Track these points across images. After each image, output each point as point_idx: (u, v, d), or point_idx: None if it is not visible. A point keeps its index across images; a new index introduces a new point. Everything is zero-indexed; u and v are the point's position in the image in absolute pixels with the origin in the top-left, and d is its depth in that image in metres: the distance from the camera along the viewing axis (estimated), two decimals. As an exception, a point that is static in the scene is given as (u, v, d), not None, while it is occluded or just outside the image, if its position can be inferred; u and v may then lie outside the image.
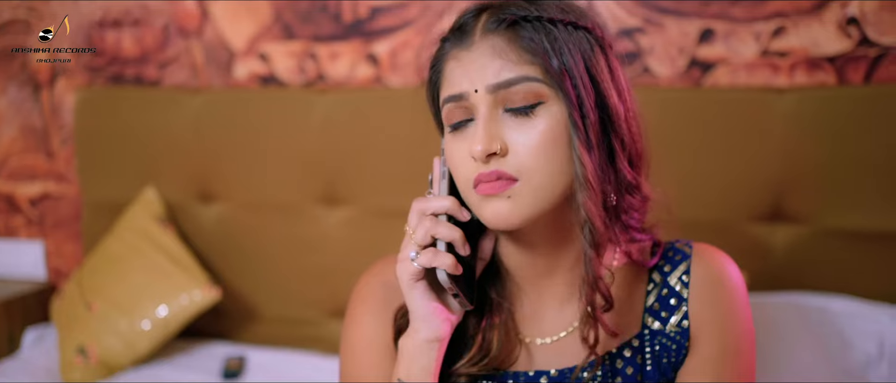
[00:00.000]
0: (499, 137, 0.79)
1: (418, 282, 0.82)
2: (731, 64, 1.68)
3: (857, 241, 1.56)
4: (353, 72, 1.94)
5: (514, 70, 0.78)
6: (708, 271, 0.88)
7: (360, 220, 1.90)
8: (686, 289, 0.88)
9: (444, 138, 0.86)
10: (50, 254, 2.30)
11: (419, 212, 0.84)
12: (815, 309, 1.50)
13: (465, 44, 0.82)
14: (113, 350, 1.81)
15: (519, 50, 0.79)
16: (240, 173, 1.97)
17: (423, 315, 0.83)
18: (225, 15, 2.00)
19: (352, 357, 0.93)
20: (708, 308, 0.87)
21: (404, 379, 0.84)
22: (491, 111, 0.79)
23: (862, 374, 1.42)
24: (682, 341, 0.87)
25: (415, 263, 0.81)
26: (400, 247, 0.86)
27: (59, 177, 2.24)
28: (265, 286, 1.99)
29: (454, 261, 0.80)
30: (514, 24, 0.80)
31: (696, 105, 1.65)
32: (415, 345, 0.84)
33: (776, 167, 1.59)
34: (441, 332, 0.84)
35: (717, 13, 1.67)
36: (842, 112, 1.55)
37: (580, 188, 0.79)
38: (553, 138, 0.78)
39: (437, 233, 0.81)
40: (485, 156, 0.78)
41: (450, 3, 1.83)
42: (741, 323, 0.87)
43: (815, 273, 1.59)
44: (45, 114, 2.21)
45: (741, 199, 1.62)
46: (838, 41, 1.61)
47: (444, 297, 0.85)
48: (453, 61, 0.83)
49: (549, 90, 0.78)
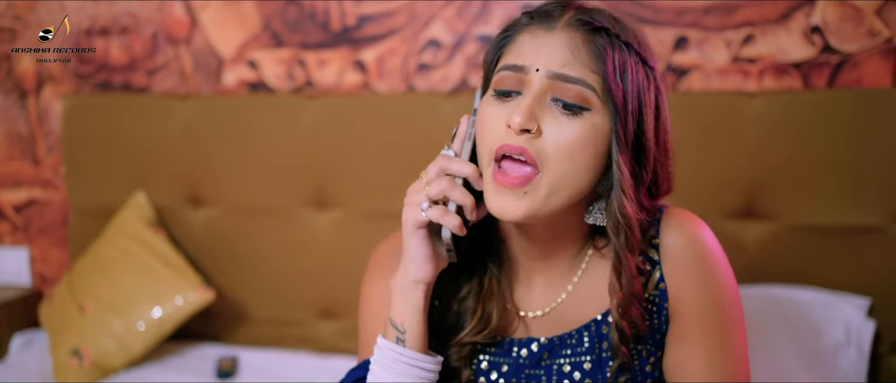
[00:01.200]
0: (537, 118, 0.83)
1: (420, 228, 0.88)
2: (705, 70, 1.77)
3: (823, 236, 1.65)
4: (341, 78, 1.99)
5: (578, 70, 0.83)
6: (681, 237, 0.91)
7: (349, 222, 1.95)
8: (657, 253, 0.92)
9: (481, 100, 0.90)
10: (35, 260, 2.31)
11: (439, 169, 0.88)
12: (787, 301, 1.59)
13: (546, 25, 0.86)
14: (108, 351, 1.83)
15: (590, 54, 0.83)
16: (230, 178, 2.01)
17: (417, 258, 0.89)
18: (214, 23, 2.05)
19: (367, 314, 1.01)
20: (686, 274, 0.91)
21: (394, 317, 0.91)
22: (541, 94, 0.84)
23: (832, 359, 1.51)
24: (662, 303, 0.92)
25: (424, 214, 0.87)
26: (407, 191, 0.91)
27: (45, 184, 2.25)
28: (255, 288, 2.03)
29: (461, 223, 0.86)
30: (597, 30, 0.85)
31: (671, 109, 1.72)
32: (404, 284, 0.90)
33: (748, 167, 1.68)
34: (428, 276, 0.90)
35: (691, 22, 1.76)
36: (807, 114, 1.65)
37: (620, 193, 0.85)
38: (584, 144, 0.83)
39: (452, 195, 0.86)
40: (520, 130, 0.82)
41: (436, 12, 1.90)
42: (724, 283, 0.91)
43: (785, 266, 1.68)
44: (32, 121, 2.23)
45: (715, 198, 1.71)
46: (803, 48, 1.72)
47: (437, 246, 0.91)
48: (527, 35, 0.87)
49: (598, 101, 0.83)
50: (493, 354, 0.97)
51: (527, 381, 0.94)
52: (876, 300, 1.62)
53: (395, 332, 0.90)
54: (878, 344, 1.62)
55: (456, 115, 1.84)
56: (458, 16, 1.89)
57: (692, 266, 0.91)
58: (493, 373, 0.96)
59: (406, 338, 0.90)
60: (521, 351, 0.95)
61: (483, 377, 0.96)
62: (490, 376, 0.96)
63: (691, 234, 0.92)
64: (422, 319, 0.90)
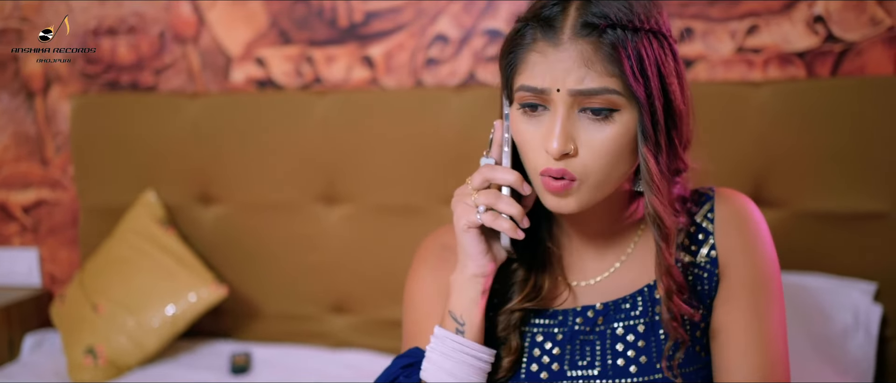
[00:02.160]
0: (572, 138, 0.86)
1: (472, 228, 0.92)
2: (710, 60, 1.80)
3: (829, 223, 1.68)
4: (349, 74, 2.01)
5: (597, 81, 0.83)
6: (730, 208, 0.99)
7: (359, 217, 1.97)
8: (711, 224, 0.99)
9: (511, 108, 0.92)
10: (44, 261, 2.32)
11: (484, 178, 0.92)
12: (795, 286, 1.61)
13: (552, 40, 0.85)
14: (122, 349, 1.85)
15: (604, 61, 0.83)
16: (239, 175, 2.03)
17: (473, 253, 0.93)
18: (221, 22, 2.06)
19: (412, 306, 1.04)
20: (734, 240, 0.97)
21: (453, 309, 0.94)
22: (568, 110, 0.85)
23: (841, 342, 1.54)
24: (713, 269, 0.97)
25: (478, 216, 0.90)
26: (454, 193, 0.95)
27: (53, 184, 2.26)
28: (266, 284, 2.05)
29: (514, 226, 0.90)
30: (603, 31, 0.83)
31: None
32: (463, 279, 0.94)
33: (754, 155, 1.70)
34: (486, 269, 0.93)
35: (696, 13, 1.79)
36: (812, 103, 1.67)
37: (647, 189, 0.89)
38: (619, 144, 0.86)
39: (499, 207, 0.90)
40: (559, 155, 0.85)
41: (442, 7, 1.92)
42: (767, 252, 0.98)
43: (792, 253, 1.70)
44: (39, 122, 2.24)
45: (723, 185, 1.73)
46: (807, 38, 1.74)
47: (492, 243, 0.95)
48: (537, 54, 0.86)
49: (624, 100, 0.85)
50: (545, 325, 0.99)
51: (581, 347, 0.97)
52: (882, 284, 1.64)
53: (454, 324, 0.93)
54: (885, 327, 1.64)
55: (464, 110, 1.87)
56: (464, 10, 1.91)
57: (740, 232, 0.98)
58: (548, 343, 0.98)
59: (465, 330, 0.93)
60: (577, 319, 0.98)
61: (537, 348, 0.98)
62: (544, 346, 0.98)
63: (740, 206, 1.00)
64: (480, 312, 0.94)
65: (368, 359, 1.90)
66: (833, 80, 1.72)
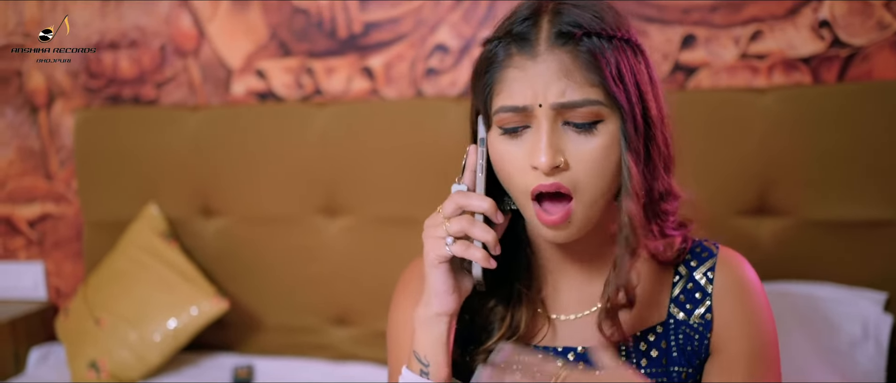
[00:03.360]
0: (560, 151, 0.83)
1: (443, 263, 0.87)
2: (713, 67, 1.77)
3: (837, 231, 1.64)
4: (349, 85, 2.00)
5: (579, 92, 0.81)
6: (733, 276, 0.94)
7: (360, 229, 1.96)
8: (710, 285, 0.94)
9: (489, 133, 0.89)
10: (50, 275, 2.32)
11: (457, 205, 0.87)
12: (803, 297, 1.58)
13: (528, 52, 0.83)
14: (124, 363, 1.84)
15: (583, 70, 0.82)
16: (240, 187, 2.02)
17: (439, 291, 0.88)
18: (221, 34, 2.06)
19: (394, 339, 1.00)
20: (734, 310, 0.93)
21: (417, 349, 0.90)
22: (553, 124, 0.82)
23: (850, 354, 1.50)
24: (705, 332, 0.93)
25: (448, 249, 0.86)
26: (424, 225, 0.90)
27: (58, 198, 2.27)
28: (268, 296, 2.04)
29: (487, 256, 0.86)
30: (579, 40, 0.82)
31: (681, 107, 1.69)
32: (427, 316, 0.89)
33: (759, 163, 1.67)
34: (451, 307, 0.89)
35: (698, 20, 1.76)
36: (818, 109, 1.64)
37: (625, 195, 0.84)
38: (607, 154, 0.83)
39: (472, 234, 0.86)
40: (549, 169, 0.82)
41: (442, 16, 1.90)
42: (766, 323, 0.93)
43: (799, 262, 1.67)
44: (43, 137, 2.24)
45: (727, 194, 1.70)
46: (812, 43, 1.71)
47: (459, 276, 0.91)
48: (515, 70, 0.84)
49: (607, 110, 0.83)
50: None
51: None
52: (892, 294, 1.61)
53: (418, 365, 0.90)
54: (896, 338, 1.61)
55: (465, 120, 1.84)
56: (464, 20, 1.90)
57: (740, 302, 0.93)
58: None
59: (430, 371, 0.89)
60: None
61: None
62: None
63: (742, 274, 0.95)
64: (445, 351, 0.90)
65: (370, 372, 1.88)
66: (839, 85, 1.69)
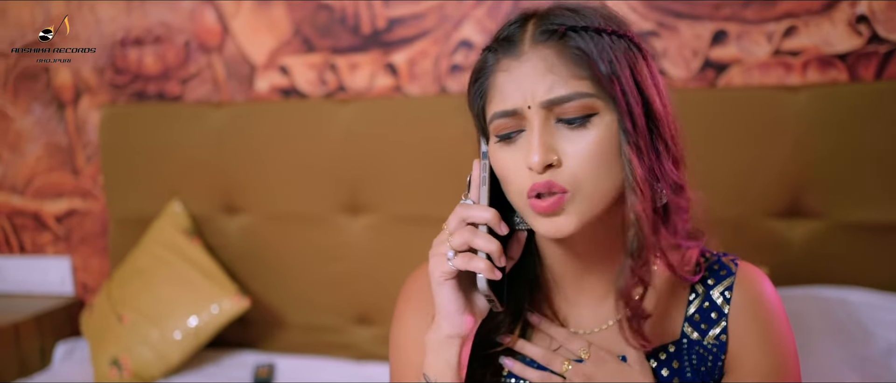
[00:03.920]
0: (553, 149, 0.80)
1: (448, 280, 0.84)
2: (745, 64, 1.72)
3: (872, 234, 1.59)
4: (373, 82, 1.98)
5: (566, 86, 0.79)
6: (750, 294, 0.90)
7: (383, 227, 1.94)
8: (727, 305, 0.90)
9: (488, 144, 0.87)
10: (77, 270, 2.34)
11: (460, 218, 0.84)
12: (836, 302, 1.53)
13: (513, 53, 0.82)
14: (145, 361, 1.84)
15: (569, 64, 0.80)
16: (263, 184, 2.01)
17: (448, 312, 0.85)
18: (245, 30, 2.05)
19: (397, 353, 0.97)
20: (750, 328, 0.89)
21: (427, 372, 0.86)
22: (544, 123, 0.80)
23: (884, 362, 1.45)
24: (719, 354, 0.89)
25: (450, 263, 0.83)
26: (432, 244, 0.87)
27: (85, 194, 2.28)
28: (290, 295, 2.03)
29: (490, 266, 0.82)
30: (564, 35, 0.80)
31: (711, 105, 1.69)
32: (437, 340, 0.86)
33: (791, 163, 1.62)
34: (463, 329, 0.85)
35: (730, 15, 1.71)
36: (854, 108, 1.58)
37: (630, 192, 0.80)
38: (604, 148, 0.80)
39: (475, 244, 0.82)
40: (542, 168, 0.79)
41: (466, 12, 1.88)
42: (786, 342, 0.89)
43: (833, 266, 1.62)
44: (70, 133, 2.26)
45: (758, 196, 1.65)
46: (849, 39, 1.65)
47: (471, 296, 0.87)
48: (503, 73, 0.83)
49: (600, 102, 0.80)
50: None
51: None
52: (931, 300, 1.55)
53: None
54: (934, 346, 1.55)
55: (489, 117, 1.82)
56: (488, 15, 1.86)
57: (758, 322, 0.89)
58: None
59: None
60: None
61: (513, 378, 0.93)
62: None
63: (760, 292, 0.91)
64: (458, 375, 0.86)
65: (391, 373, 1.86)
66: (878, 83, 1.63)
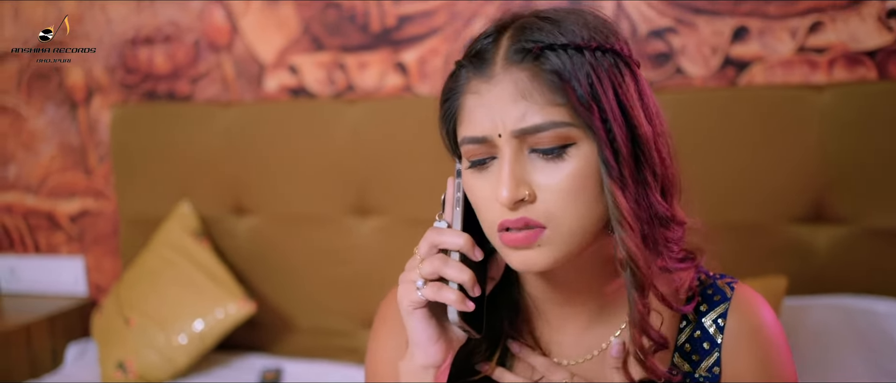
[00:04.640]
0: (525, 182, 0.73)
1: (418, 309, 0.78)
2: (767, 62, 1.64)
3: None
4: (382, 81, 1.93)
5: (540, 114, 0.72)
6: (746, 320, 0.82)
7: (392, 229, 1.90)
8: (720, 334, 0.82)
9: (461, 165, 0.80)
10: (90, 270, 2.34)
11: (430, 244, 0.78)
12: (862, 312, 1.46)
13: (484, 74, 0.74)
14: (151, 364, 1.82)
15: (544, 90, 0.72)
16: (272, 185, 1.98)
17: (419, 341, 0.79)
18: (254, 29, 2.02)
19: (373, 375, 0.92)
20: (746, 358, 0.81)
21: None
22: (516, 154, 0.73)
23: (912, 378, 1.37)
24: None
25: (419, 293, 0.77)
26: (404, 267, 0.80)
27: (97, 194, 2.28)
28: (299, 298, 2.00)
29: (461, 297, 0.75)
30: (539, 55, 0.72)
31: (731, 104, 1.62)
32: (411, 371, 0.80)
33: (816, 166, 1.55)
34: (437, 360, 0.79)
35: (751, 11, 1.63)
36: (883, 107, 1.51)
37: (618, 227, 0.73)
38: (583, 181, 0.73)
39: (445, 274, 0.76)
40: (511, 204, 0.73)
41: (477, 10, 1.82)
42: (786, 375, 0.82)
43: (858, 274, 1.54)
44: (82, 132, 2.25)
45: (781, 200, 1.58)
46: (878, 35, 1.57)
47: (446, 323, 0.80)
48: (473, 96, 0.75)
49: (578, 131, 0.72)
50: None
51: None
52: (964, 311, 1.47)
53: None
54: (967, 359, 1.46)
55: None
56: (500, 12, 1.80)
57: (754, 353, 0.81)
58: None
59: None
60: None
61: None
62: None
63: (756, 319, 0.82)
64: None
65: (400, 379, 1.82)
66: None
